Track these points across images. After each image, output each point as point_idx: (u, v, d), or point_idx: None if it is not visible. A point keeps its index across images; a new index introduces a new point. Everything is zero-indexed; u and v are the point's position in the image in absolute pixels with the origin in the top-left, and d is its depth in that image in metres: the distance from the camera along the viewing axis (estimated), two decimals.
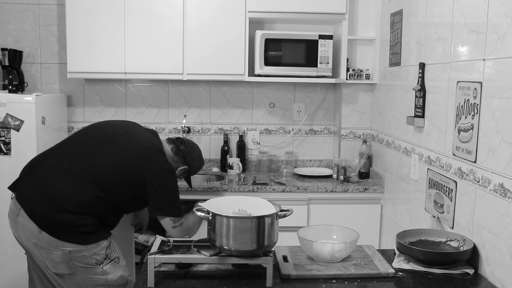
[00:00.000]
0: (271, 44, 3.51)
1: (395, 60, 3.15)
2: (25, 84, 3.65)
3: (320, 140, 4.00)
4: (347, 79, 3.59)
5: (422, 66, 2.65)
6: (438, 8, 2.51)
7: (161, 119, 3.92)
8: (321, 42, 3.52)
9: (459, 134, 2.23)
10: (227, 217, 1.78)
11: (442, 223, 2.39)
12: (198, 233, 2.47)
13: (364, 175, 3.62)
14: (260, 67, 3.51)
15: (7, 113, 3.19)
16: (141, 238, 3.34)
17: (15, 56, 3.55)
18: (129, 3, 3.42)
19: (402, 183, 3.02)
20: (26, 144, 3.21)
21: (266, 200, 1.95)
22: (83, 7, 3.41)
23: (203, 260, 1.84)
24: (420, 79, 2.67)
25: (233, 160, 3.78)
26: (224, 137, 3.88)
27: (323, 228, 2.20)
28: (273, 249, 2.00)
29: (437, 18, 2.53)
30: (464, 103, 2.17)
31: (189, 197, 3.13)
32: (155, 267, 1.83)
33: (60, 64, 3.83)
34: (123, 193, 2.28)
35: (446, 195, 2.35)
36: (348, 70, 3.60)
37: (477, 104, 2.06)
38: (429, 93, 2.61)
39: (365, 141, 3.66)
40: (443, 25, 2.44)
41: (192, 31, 3.48)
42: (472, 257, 2.04)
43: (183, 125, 3.84)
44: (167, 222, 2.34)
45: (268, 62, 3.52)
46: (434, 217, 2.47)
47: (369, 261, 2.04)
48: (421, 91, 2.66)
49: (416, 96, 2.73)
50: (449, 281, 1.91)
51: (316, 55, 3.53)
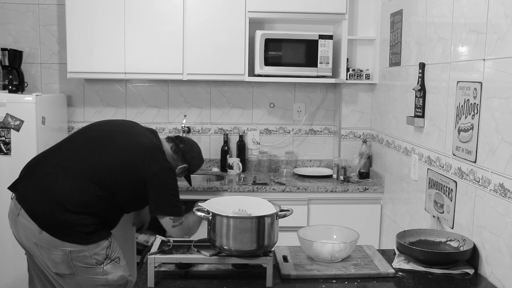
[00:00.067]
0: (271, 44, 3.51)
1: (395, 60, 3.15)
2: (25, 84, 3.65)
3: (320, 140, 4.00)
4: (347, 79, 3.59)
5: (422, 66, 2.65)
6: (438, 8, 2.51)
7: (161, 119, 3.92)
8: (321, 42, 3.52)
9: (459, 134, 2.23)
10: (227, 217, 1.78)
11: (442, 223, 2.39)
12: (198, 233, 2.47)
13: (364, 175, 3.62)
14: (260, 67, 3.51)
15: (7, 113, 3.19)
16: (141, 238, 3.34)
17: (15, 56, 3.55)
18: (129, 3, 3.42)
19: (402, 183, 3.02)
20: (26, 144, 3.21)
21: (266, 200, 1.95)
22: (83, 7, 3.41)
23: (203, 260, 1.84)
24: (420, 79, 2.67)
25: (233, 160, 3.78)
26: (224, 137, 3.88)
27: (323, 228, 2.20)
28: (273, 249, 2.00)
29: (437, 18, 2.53)
30: (464, 103, 2.17)
31: (189, 197, 3.13)
32: (155, 267, 1.83)
33: (60, 64, 3.83)
34: (123, 192, 2.28)
35: (446, 195, 2.35)
36: (348, 70, 3.60)
37: (477, 104, 2.06)
38: (429, 93, 2.61)
39: (365, 141, 3.66)
40: (443, 25, 2.44)
41: (192, 31, 3.48)
42: (472, 257, 2.04)
43: (183, 125, 3.84)
44: (166, 221, 2.35)
45: (268, 62, 3.52)
46: (434, 217, 2.47)
47: (369, 261, 2.04)
48: (421, 91, 2.66)
49: (416, 96, 2.73)
50: (449, 281, 1.91)
51: (316, 55, 3.52)
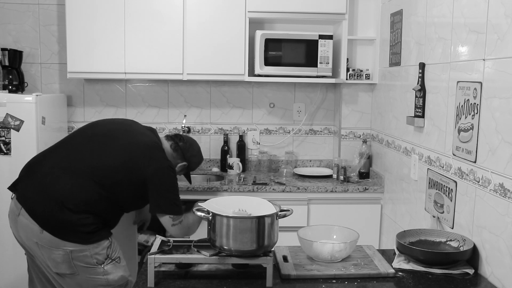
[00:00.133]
0: (271, 44, 3.51)
1: (395, 60, 3.15)
2: (25, 84, 3.65)
3: (320, 140, 4.00)
4: (347, 79, 3.59)
5: (422, 66, 2.65)
6: (438, 8, 2.51)
7: (161, 119, 3.92)
8: (321, 42, 3.52)
9: (459, 134, 2.23)
10: (227, 217, 1.79)
11: (442, 223, 2.39)
12: (198, 233, 2.47)
13: (364, 175, 3.62)
14: (260, 67, 3.51)
15: (7, 113, 3.19)
16: (141, 238, 3.34)
17: (15, 56, 3.55)
18: (129, 3, 3.42)
19: (402, 183, 3.02)
20: (26, 144, 3.21)
21: (266, 200, 1.95)
22: (83, 7, 3.41)
23: (203, 260, 1.84)
24: (420, 79, 2.67)
25: (233, 160, 3.78)
26: (224, 137, 3.88)
27: (323, 228, 2.20)
28: (273, 249, 2.00)
29: (437, 18, 2.53)
30: (464, 103, 2.17)
31: (189, 197, 3.13)
32: (155, 267, 1.83)
33: (60, 64, 3.83)
34: (124, 191, 2.28)
35: (446, 195, 2.35)
36: (348, 70, 3.60)
37: (477, 104, 2.06)
38: (429, 93, 2.61)
39: (365, 141, 3.66)
40: (443, 25, 2.44)
41: (192, 31, 3.48)
42: (472, 257, 2.04)
43: (183, 125, 3.84)
44: (166, 220, 2.34)
45: (268, 62, 3.52)
46: (434, 217, 2.47)
47: (369, 261, 2.04)
48: (421, 91, 2.66)
49: (416, 96, 2.73)
50: (449, 281, 1.91)
51: (316, 55, 3.52)
